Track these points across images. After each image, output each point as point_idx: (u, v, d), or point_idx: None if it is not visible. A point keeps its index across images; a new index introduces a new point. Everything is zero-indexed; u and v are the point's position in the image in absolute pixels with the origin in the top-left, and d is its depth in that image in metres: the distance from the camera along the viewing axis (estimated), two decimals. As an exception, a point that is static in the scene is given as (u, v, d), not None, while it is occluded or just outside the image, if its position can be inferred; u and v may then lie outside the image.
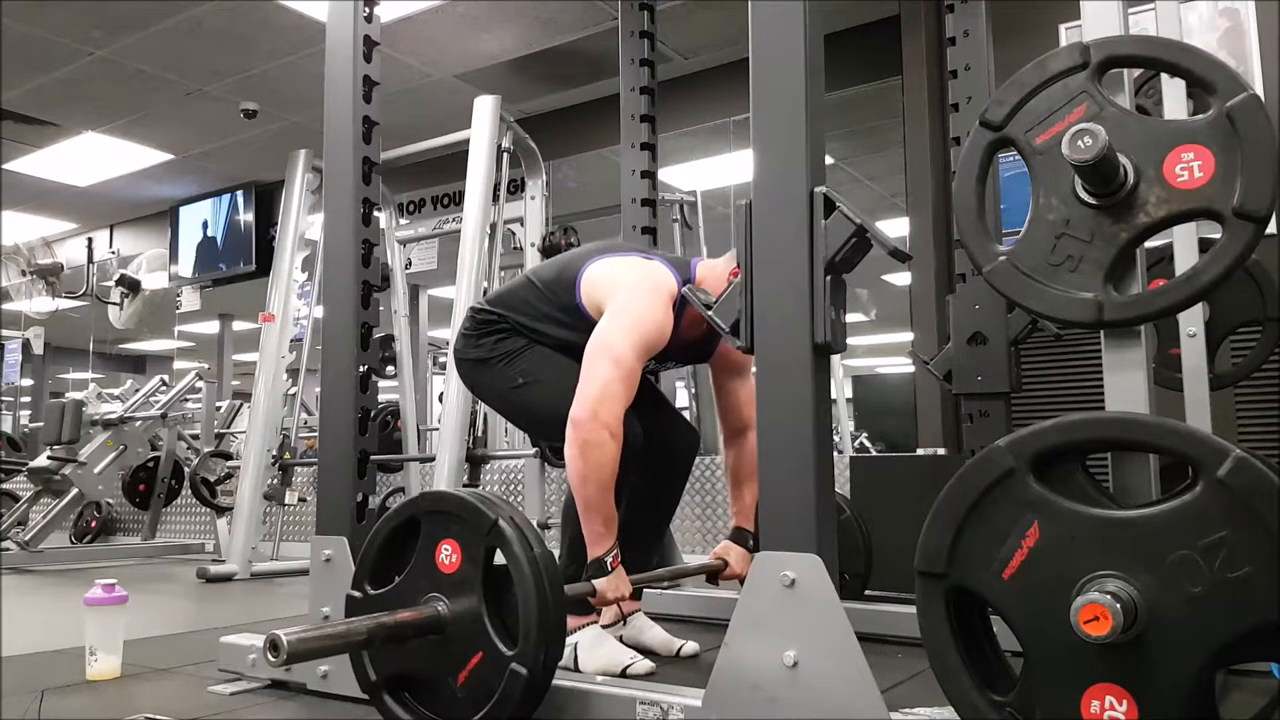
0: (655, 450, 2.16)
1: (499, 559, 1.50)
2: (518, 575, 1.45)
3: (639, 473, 2.16)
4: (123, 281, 7.20)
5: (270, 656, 1.32)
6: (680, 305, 2.06)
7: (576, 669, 2.00)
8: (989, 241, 1.40)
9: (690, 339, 2.14)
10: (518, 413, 2.26)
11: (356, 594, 1.62)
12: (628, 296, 2.01)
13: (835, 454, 1.83)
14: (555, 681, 1.64)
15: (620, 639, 2.20)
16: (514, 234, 4.55)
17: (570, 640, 2.05)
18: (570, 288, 2.10)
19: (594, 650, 2.02)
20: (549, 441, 2.37)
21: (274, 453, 4.44)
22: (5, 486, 5.90)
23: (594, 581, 1.87)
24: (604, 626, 2.18)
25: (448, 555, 1.53)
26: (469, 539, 1.51)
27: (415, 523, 1.58)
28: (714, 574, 2.24)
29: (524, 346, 2.13)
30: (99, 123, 6.16)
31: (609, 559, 1.88)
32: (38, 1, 4.54)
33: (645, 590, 2.36)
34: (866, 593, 2.60)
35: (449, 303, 4.00)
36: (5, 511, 5.36)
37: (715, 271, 2.13)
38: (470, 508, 1.52)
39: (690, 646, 2.16)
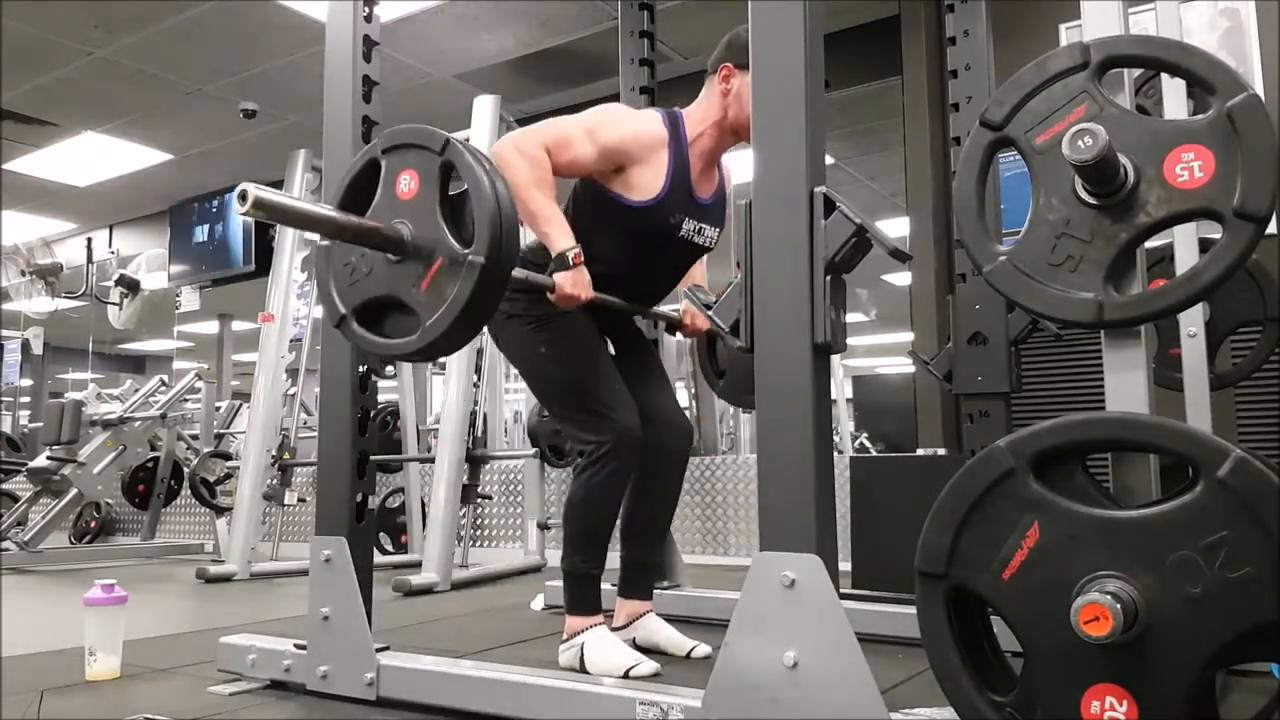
0: (650, 442, 2.17)
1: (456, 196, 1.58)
2: (472, 181, 1.51)
3: (637, 467, 2.17)
4: (122, 281, 7.19)
5: (239, 203, 1.39)
6: (674, 132, 2.11)
7: (583, 669, 2.01)
8: (989, 241, 1.40)
9: (706, 194, 2.19)
10: (533, 381, 2.23)
11: (324, 242, 1.68)
12: (595, 108, 2.11)
13: (835, 454, 1.83)
14: (555, 681, 1.65)
15: (633, 640, 2.21)
16: (514, 234, 4.54)
17: (577, 641, 2.05)
18: (587, 178, 2.13)
19: (600, 652, 2.02)
20: (553, 417, 2.39)
21: (274, 453, 4.44)
22: (5, 486, 5.90)
23: (555, 275, 1.93)
24: (615, 629, 2.19)
25: (406, 183, 1.59)
26: (424, 162, 1.58)
27: (376, 165, 1.64)
28: (674, 325, 2.41)
29: (559, 314, 2.07)
30: (99, 123, 6.16)
31: (570, 254, 1.94)
32: (38, 1, 4.54)
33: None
34: (863, 592, 2.59)
35: (449, 303, 3.99)
36: (5, 512, 5.36)
37: (698, 111, 2.18)
38: (424, 133, 1.59)
39: (701, 649, 2.16)
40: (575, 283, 1.94)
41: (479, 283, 1.49)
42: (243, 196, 1.39)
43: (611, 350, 2.27)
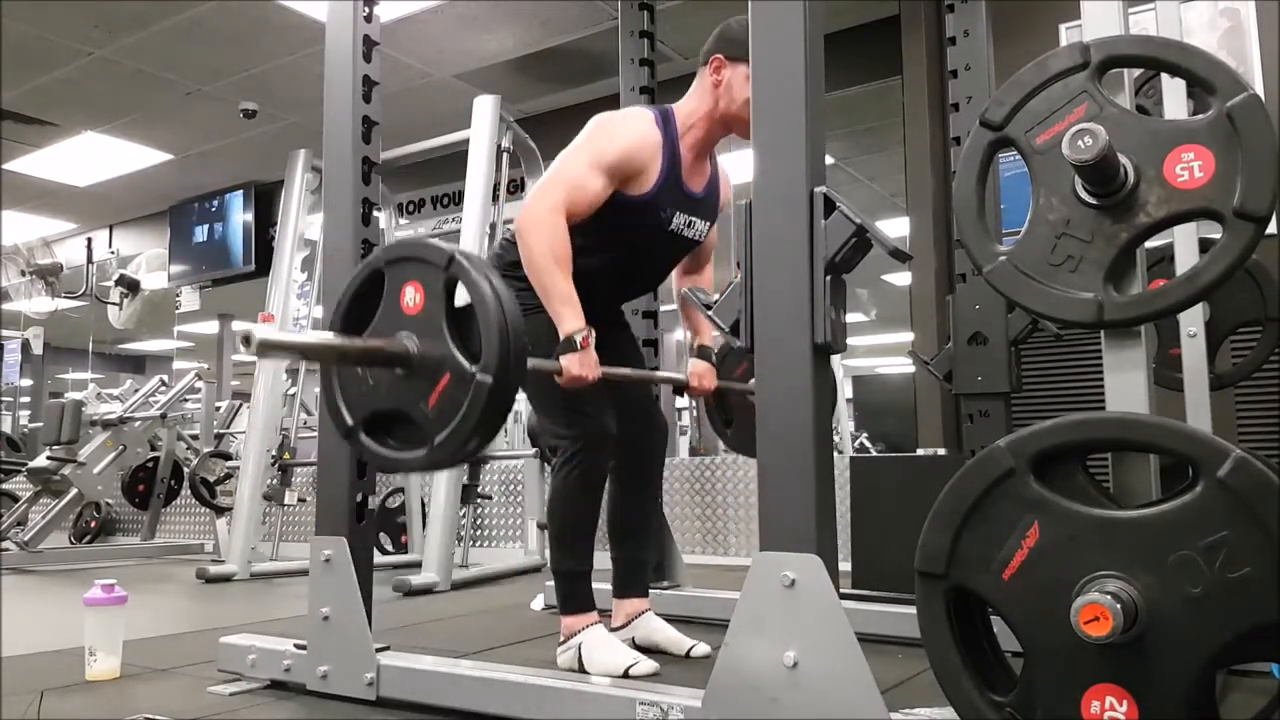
0: (628, 438, 2.17)
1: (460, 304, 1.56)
2: (477, 298, 1.50)
3: (617, 464, 2.17)
4: (122, 281, 7.20)
5: (242, 346, 1.37)
6: (666, 129, 2.11)
7: (582, 669, 2.01)
8: (989, 241, 1.40)
9: (698, 187, 2.18)
10: None
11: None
12: (590, 126, 2.10)
13: (835, 454, 1.83)
14: (555, 681, 1.65)
15: (632, 639, 2.21)
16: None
17: (575, 641, 2.05)
18: None
19: (599, 651, 2.03)
20: (534, 411, 2.39)
21: (274, 453, 4.43)
22: (5, 486, 5.90)
23: (562, 358, 1.91)
24: (614, 629, 2.19)
25: (411, 297, 1.58)
26: (430, 277, 1.57)
27: (379, 276, 1.63)
28: (681, 387, 2.36)
29: (535, 307, 2.04)
30: (99, 123, 6.16)
31: (579, 338, 1.92)
32: (38, 1, 4.54)
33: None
34: (863, 592, 2.59)
35: (449, 303, 3.99)
36: (5, 512, 5.36)
37: (689, 104, 2.17)
38: (428, 248, 1.58)
39: (701, 648, 2.16)
40: (583, 364, 1.92)
41: (486, 403, 1.47)
42: (246, 340, 1.36)
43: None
